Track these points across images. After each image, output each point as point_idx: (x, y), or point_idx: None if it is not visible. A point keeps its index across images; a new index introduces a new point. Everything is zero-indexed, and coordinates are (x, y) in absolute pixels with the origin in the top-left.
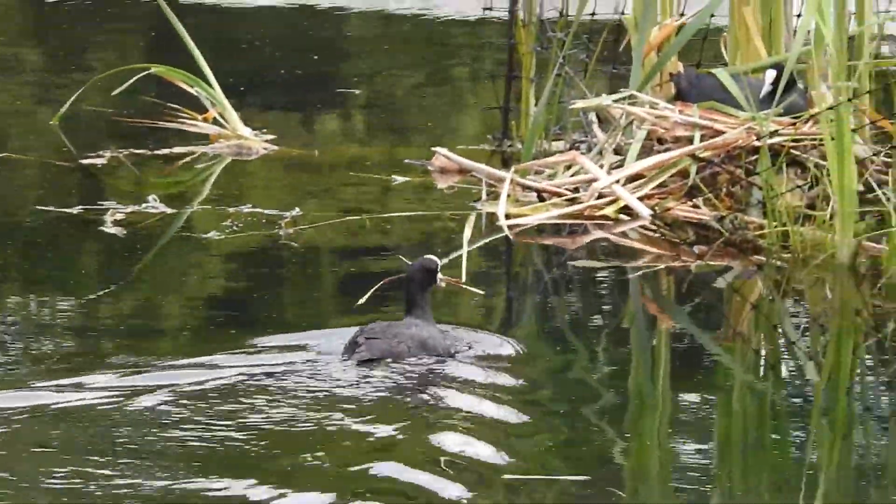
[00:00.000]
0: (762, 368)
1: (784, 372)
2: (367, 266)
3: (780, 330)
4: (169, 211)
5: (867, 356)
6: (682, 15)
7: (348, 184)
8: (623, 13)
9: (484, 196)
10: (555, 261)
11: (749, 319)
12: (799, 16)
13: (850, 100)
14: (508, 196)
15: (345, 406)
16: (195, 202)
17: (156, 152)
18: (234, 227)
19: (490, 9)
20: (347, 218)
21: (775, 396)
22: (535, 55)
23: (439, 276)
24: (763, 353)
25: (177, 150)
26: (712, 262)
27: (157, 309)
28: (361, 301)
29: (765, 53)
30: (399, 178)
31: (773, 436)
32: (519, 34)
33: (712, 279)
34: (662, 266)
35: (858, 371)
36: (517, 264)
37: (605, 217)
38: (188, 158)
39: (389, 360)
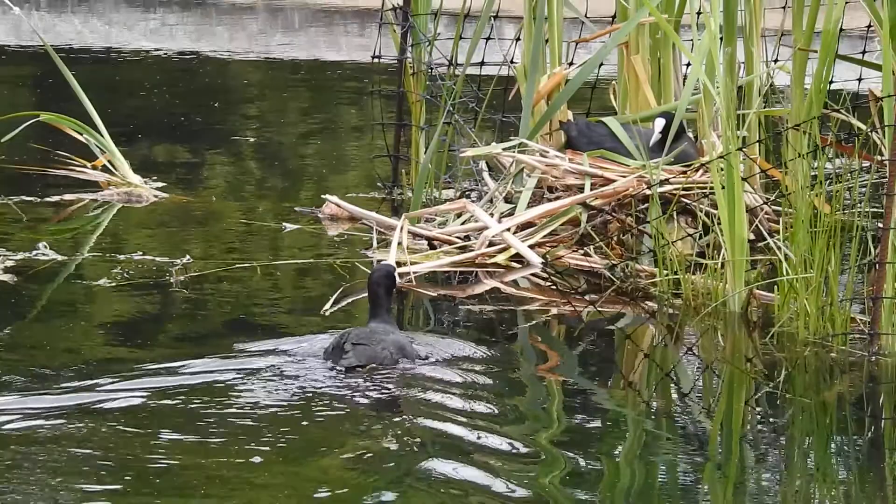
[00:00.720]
0: (653, 417)
1: (676, 420)
2: (257, 313)
3: (672, 377)
4: (59, 258)
5: (759, 405)
6: (571, 64)
7: (238, 231)
8: (512, 62)
9: (374, 244)
10: (445, 307)
11: (641, 367)
12: (688, 65)
13: (739, 148)
14: (399, 244)
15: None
16: (85, 249)
17: (45, 199)
18: (125, 275)
19: (378, 57)
20: (238, 266)
21: (667, 445)
22: (424, 103)
23: (397, 279)
24: (655, 401)
25: (66, 197)
26: (604, 310)
27: (47, 353)
28: (326, 309)
29: (654, 102)
30: (289, 226)
31: (665, 485)
32: (408, 82)
33: (604, 327)
34: (554, 312)
35: (750, 419)
36: (408, 309)
37: (497, 265)
38: (78, 205)
39: (374, 365)
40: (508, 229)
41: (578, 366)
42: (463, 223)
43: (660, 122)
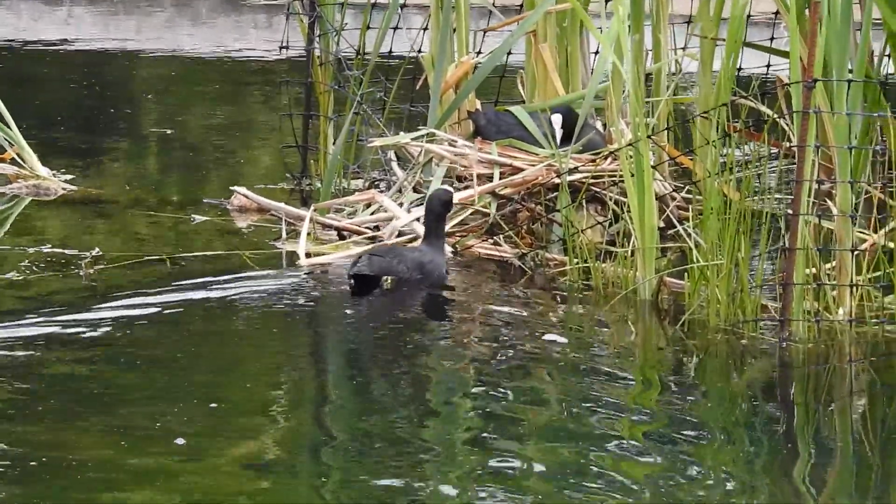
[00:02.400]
0: (563, 405)
1: (586, 409)
2: (166, 304)
3: (582, 366)
4: None
5: (670, 392)
6: (478, 53)
7: (148, 223)
8: (420, 51)
9: (283, 235)
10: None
11: (550, 354)
12: (596, 53)
13: (648, 136)
14: (308, 234)
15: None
16: None
17: None
18: (34, 268)
19: (286, 47)
20: (147, 258)
21: (578, 433)
22: (332, 94)
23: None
24: (565, 389)
25: None
26: (513, 301)
27: None
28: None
29: (562, 90)
30: (198, 218)
31: (573, 474)
32: (316, 73)
33: (513, 315)
34: (463, 300)
35: (661, 407)
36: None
37: None
38: None
39: (387, 278)
40: (417, 219)
41: (486, 355)
42: (372, 213)
43: (557, 119)
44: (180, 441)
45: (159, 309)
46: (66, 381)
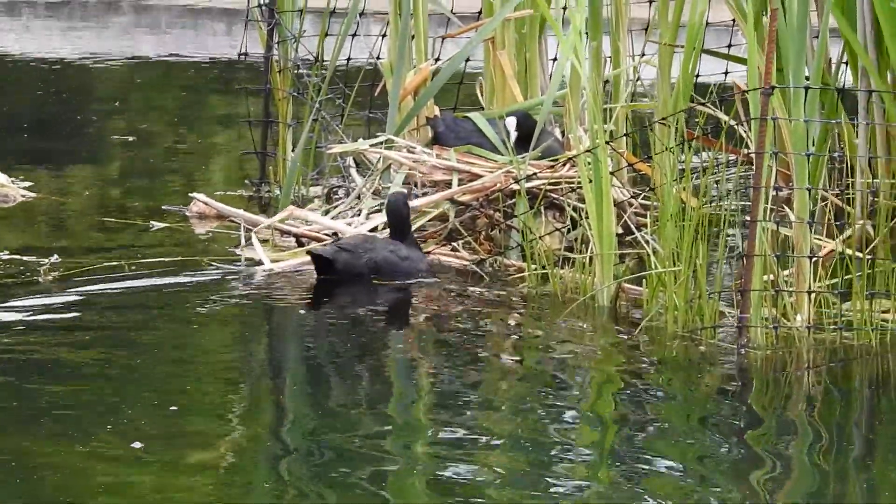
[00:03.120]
0: (522, 411)
1: (545, 415)
2: (127, 310)
3: (540, 372)
4: None
5: (628, 398)
6: (437, 59)
7: (107, 230)
8: (378, 58)
9: (242, 241)
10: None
11: (509, 362)
12: (555, 59)
13: (606, 142)
14: (266, 241)
15: None
16: None
17: None
18: None
19: (245, 54)
20: (106, 264)
21: (536, 439)
22: (291, 100)
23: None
24: (522, 396)
25: None
26: (472, 306)
27: None
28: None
29: (520, 97)
30: (157, 224)
31: (531, 478)
32: (275, 80)
33: (472, 321)
34: (422, 306)
35: (620, 413)
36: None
37: None
38: None
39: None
40: (374, 229)
41: (444, 362)
42: (332, 219)
43: (511, 122)
44: (137, 444)
45: (118, 315)
46: (22, 387)
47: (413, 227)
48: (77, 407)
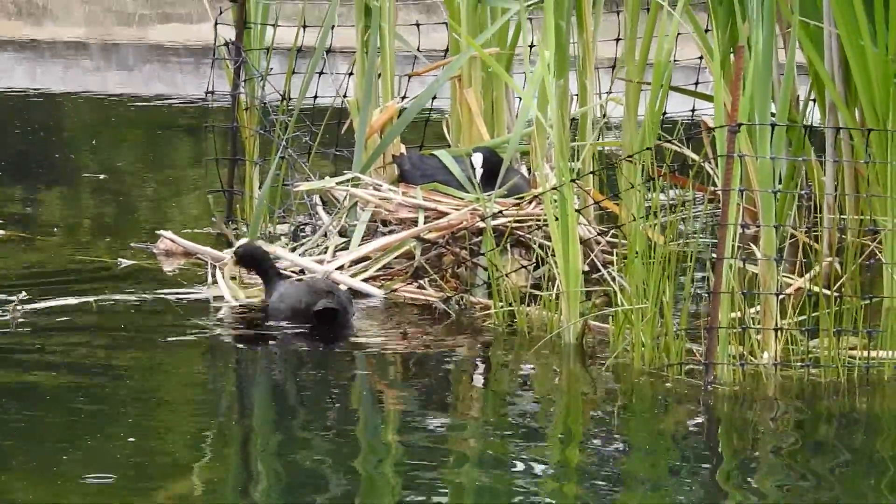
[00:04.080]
0: (488, 449)
1: (510, 452)
2: (94, 346)
3: (506, 410)
4: None
5: (594, 435)
6: (403, 97)
7: (74, 268)
8: (345, 96)
9: (209, 279)
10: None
11: (477, 399)
12: (521, 98)
13: (573, 180)
14: (234, 278)
15: None
16: None
17: None
18: None
19: (212, 92)
20: (73, 300)
21: (501, 477)
22: (258, 138)
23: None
24: (489, 433)
25: None
26: (439, 343)
27: None
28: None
29: (487, 135)
30: (125, 262)
31: None
32: (241, 117)
33: (438, 360)
34: (387, 344)
35: (585, 450)
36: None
37: None
38: None
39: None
40: (341, 267)
41: (411, 398)
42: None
43: (477, 158)
44: (105, 476)
45: (86, 350)
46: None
47: (380, 265)
48: (44, 439)
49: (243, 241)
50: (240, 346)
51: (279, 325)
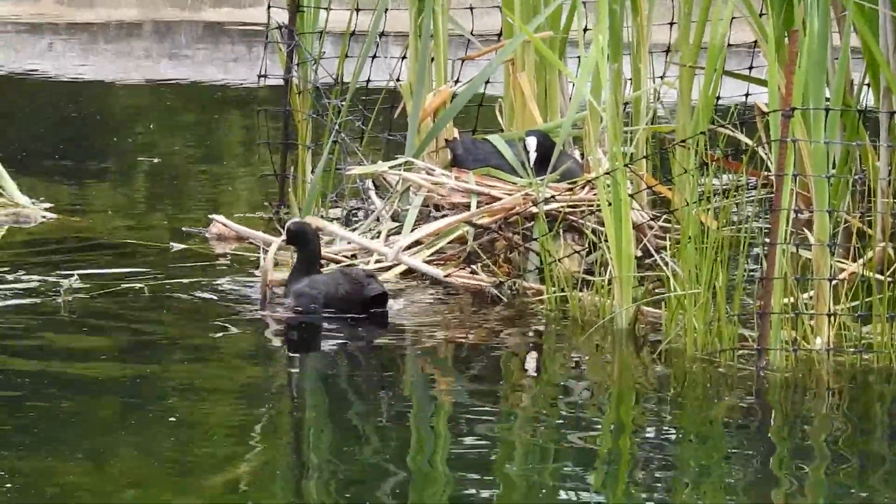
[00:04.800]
0: (541, 436)
1: (564, 439)
2: (145, 332)
3: (559, 396)
4: None
5: (647, 421)
6: (456, 81)
7: (126, 251)
8: (398, 80)
9: (261, 263)
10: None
11: (528, 386)
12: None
13: (626, 165)
14: (286, 263)
15: None
16: None
17: None
18: (11, 295)
19: (265, 76)
20: (126, 285)
21: (555, 464)
22: (310, 122)
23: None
24: (543, 420)
25: None
26: (491, 329)
27: None
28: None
29: (540, 119)
30: (177, 246)
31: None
32: (294, 101)
33: (491, 345)
34: (440, 329)
35: (639, 436)
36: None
37: None
38: None
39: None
40: (409, 247)
41: (464, 385)
42: (349, 241)
43: (531, 141)
44: (153, 463)
45: (136, 335)
46: (37, 405)
47: (432, 250)
48: (94, 426)
49: (296, 218)
50: (290, 332)
51: (328, 313)
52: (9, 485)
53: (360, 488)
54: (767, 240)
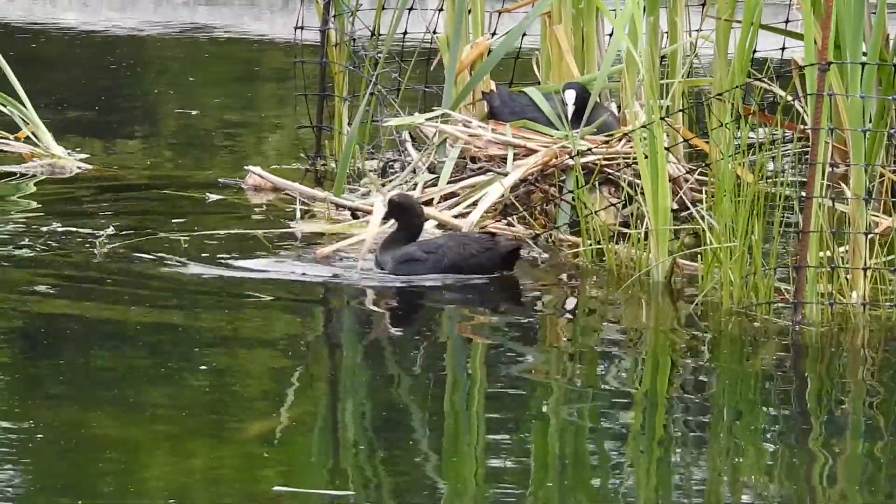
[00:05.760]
0: (578, 386)
1: (602, 390)
2: (180, 283)
3: (596, 347)
4: None
5: (683, 374)
6: (493, 34)
7: (162, 202)
8: (435, 32)
9: (298, 215)
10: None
11: (566, 336)
12: (611, 34)
13: (662, 118)
14: (322, 215)
15: None
16: (8, 221)
17: None
18: (48, 246)
19: (302, 28)
20: (162, 235)
21: (592, 415)
22: (347, 74)
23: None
24: (580, 370)
25: None
26: (527, 281)
27: None
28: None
29: (577, 72)
30: (213, 196)
31: (590, 456)
32: (331, 53)
33: (527, 296)
34: (476, 282)
35: (676, 388)
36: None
37: None
38: (1, 177)
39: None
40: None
41: (502, 335)
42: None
43: (570, 94)
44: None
45: (172, 286)
46: (78, 359)
47: (469, 202)
48: (127, 374)
49: (396, 191)
50: (328, 286)
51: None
52: (41, 435)
53: (388, 434)
54: (804, 193)
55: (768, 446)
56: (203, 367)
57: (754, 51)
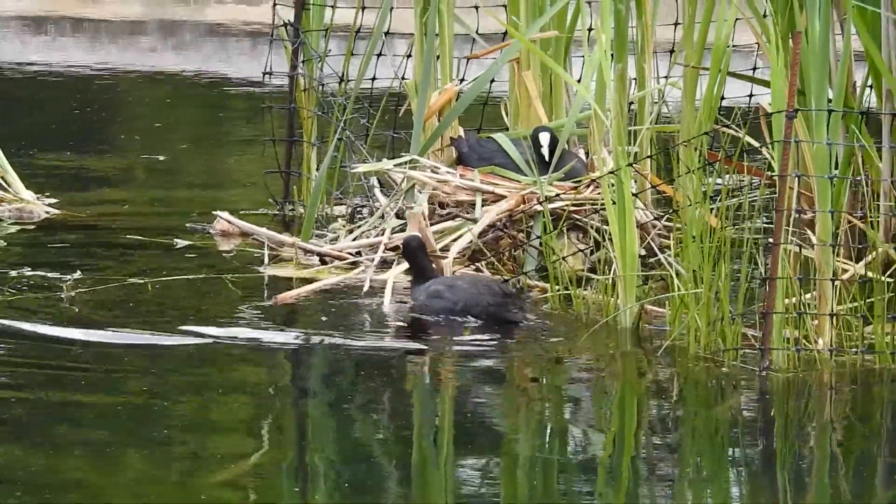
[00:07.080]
0: (544, 433)
1: (568, 437)
2: (148, 329)
3: (563, 394)
4: None
5: (650, 419)
6: (462, 80)
7: (130, 247)
8: (403, 78)
9: (266, 260)
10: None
11: (531, 383)
12: (579, 80)
13: (630, 164)
14: (290, 260)
15: None
16: None
17: None
18: (15, 291)
19: (270, 73)
20: (130, 281)
21: (558, 462)
22: (316, 119)
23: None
24: (545, 418)
25: None
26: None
27: None
28: None
29: (545, 118)
30: (181, 242)
31: (563, 496)
32: (299, 99)
33: (498, 342)
34: (440, 326)
35: (642, 434)
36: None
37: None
38: None
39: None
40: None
41: (464, 384)
42: (354, 239)
43: (545, 136)
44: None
45: (139, 331)
46: (46, 404)
47: (439, 246)
48: (97, 420)
49: (409, 233)
50: (299, 330)
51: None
52: (11, 480)
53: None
54: (770, 240)
55: (734, 491)
56: (174, 413)
57: (722, 98)
